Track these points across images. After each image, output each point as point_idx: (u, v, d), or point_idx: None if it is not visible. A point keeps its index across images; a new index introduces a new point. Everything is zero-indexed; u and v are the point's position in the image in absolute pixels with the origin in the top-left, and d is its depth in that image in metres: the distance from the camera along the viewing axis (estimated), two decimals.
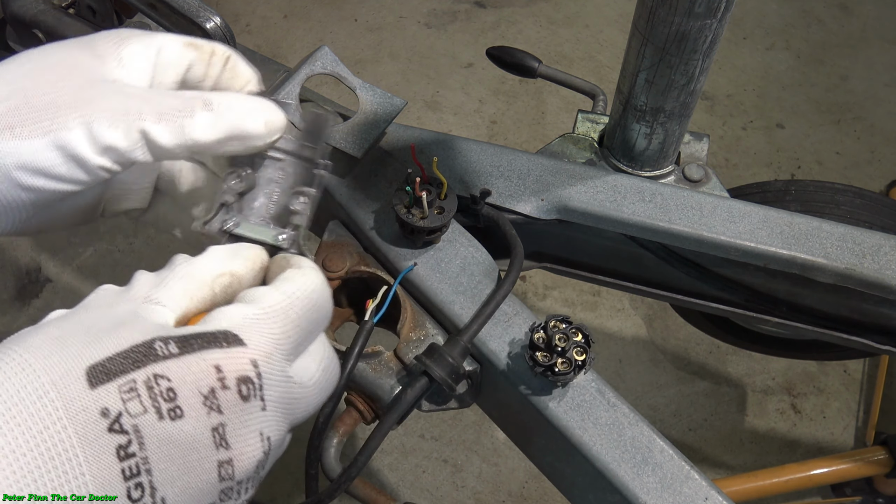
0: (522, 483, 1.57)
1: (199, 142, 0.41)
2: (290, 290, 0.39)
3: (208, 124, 0.42)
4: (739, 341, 1.27)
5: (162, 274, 0.39)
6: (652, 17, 0.67)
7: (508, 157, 0.76)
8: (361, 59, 2.20)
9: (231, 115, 0.43)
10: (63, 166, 0.39)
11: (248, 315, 0.37)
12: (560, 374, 0.58)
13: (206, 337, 0.35)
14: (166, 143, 0.41)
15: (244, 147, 0.44)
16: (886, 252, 0.72)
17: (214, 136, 0.42)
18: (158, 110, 0.41)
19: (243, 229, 0.47)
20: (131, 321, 0.35)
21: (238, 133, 0.43)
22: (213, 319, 0.36)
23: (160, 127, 0.40)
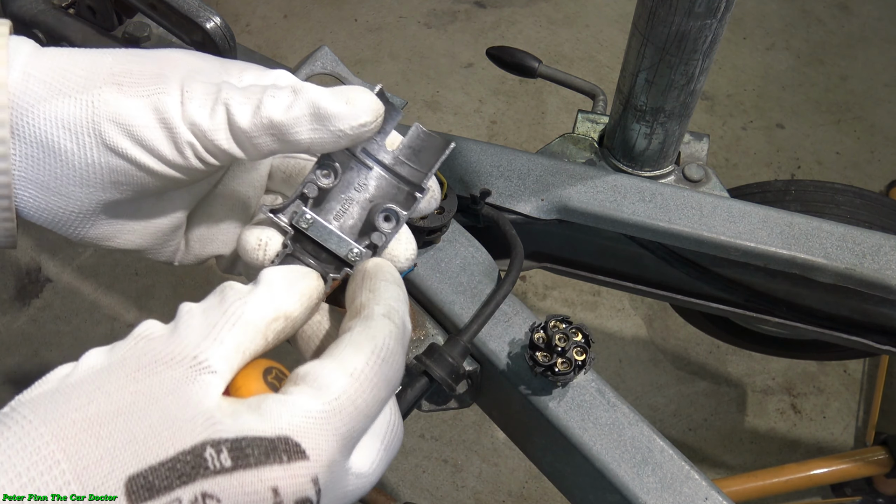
0: (522, 483, 1.57)
1: (275, 121, 0.38)
2: (360, 366, 0.34)
3: (286, 104, 0.38)
4: (739, 341, 1.27)
5: (211, 315, 0.35)
6: (652, 17, 0.67)
7: (508, 157, 0.76)
8: (361, 59, 2.20)
9: (311, 94, 0.39)
10: (152, 130, 0.38)
11: (311, 413, 0.32)
12: (560, 374, 0.58)
13: (263, 446, 0.30)
14: (244, 123, 0.38)
15: (329, 133, 0.39)
16: (886, 252, 0.72)
17: (289, 116, 0.38)
18: (247, 93, 0.39)
19: (315, 231, 0.43)
20: (179, 408, 0.31)
21: (318, 112, 0.38)
22: (271, 412, 0.32)
23: (242, 107, 0.38)
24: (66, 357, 0.33)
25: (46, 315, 1.74)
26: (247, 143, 0.39)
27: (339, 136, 0.39)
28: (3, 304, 1.75)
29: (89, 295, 1.77)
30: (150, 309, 1.74)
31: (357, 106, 0.39)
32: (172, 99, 0.38)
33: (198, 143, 0.39)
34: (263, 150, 0.40)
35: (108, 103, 0.38)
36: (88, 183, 0.39)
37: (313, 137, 0.39)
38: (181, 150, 0.39)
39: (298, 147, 0.40)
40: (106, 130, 0.38)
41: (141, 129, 0.38)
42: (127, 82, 0.39)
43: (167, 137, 0.38)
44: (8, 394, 1.67)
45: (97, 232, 0.43)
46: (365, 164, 0.44)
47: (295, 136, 0.39)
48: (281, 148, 0.40)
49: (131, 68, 0.39)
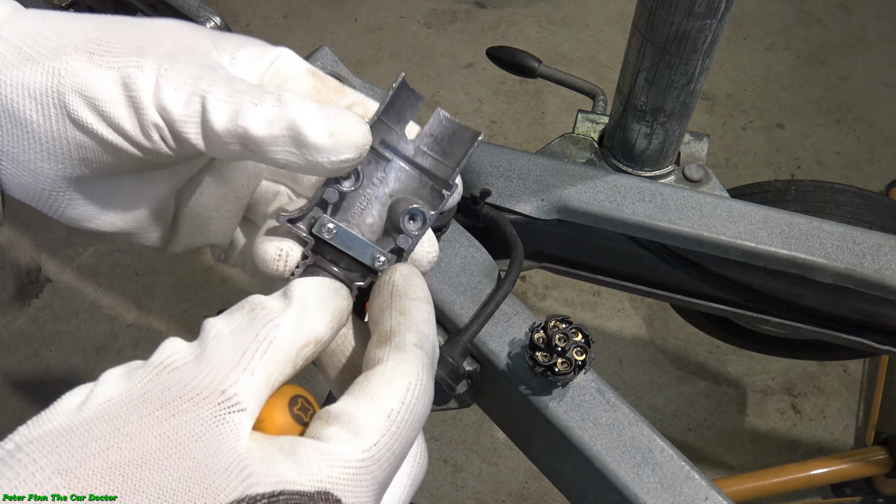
0: (522, 483, 1.57)
1: (251, 134, 0.35)
2: (396, 406, 0.32)
3: (267, 118, 0.35)
4: (739, 341, 1.28)
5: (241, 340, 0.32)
6: (652, 17, 0.67)
7: (508, 157, 0.76)
8: (361, 59, 2.20)
9: (295, 113, 0.35)
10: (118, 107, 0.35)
11: (350, 464, 0.30)
12: (560, 374, 0.58)
13: (304, 501, 0.28)
14: (218, 124, 0.35)
15: (305, 161, 0.36)
16: (886, 252, 0.72)
17: (267, 133, 0.35)
18: (230, 90, 0.35)
19: (339, 240, 0.40)
20: (210, 456, 0.28)
21: (295, 136, 0.35)
22: (308, 464, 0.29)
23: (220, 106, 0.35)
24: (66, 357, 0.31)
25: (46, 315, 1.74)
26: (216, 144, 0.36)
27: (314, 166, 0.36)
28: (3, 304, 1.75)
29: (89, 295, 1.77)
30: (149, 309, 1.74)
31: (340, 141, 0.35)
32: (146, 77, 0.35)
33: (165, 129, 0.36)
34: (234, 155, 0.37)
35: (75, 73, 0.35)
36: (56, 158, 0.36)
37: (288, 160, 0.36)
38: (147, 132, 0.36)
39: (271, 163, 0.37)
40: (71, 102, 0.35)
41: (106, 105, 0.35)
42: (99, 51, 0.36)
43: (133, 117, 0.35)
44: (8, 394, 1.67)
45: (75, 212, 0.40)
46: (384, 156, 0.40)
47: (269, 154, 0.36)
48: (253, 158, 0.37)
49: (108, 36, 0.36)
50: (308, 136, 0.35)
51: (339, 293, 0.37)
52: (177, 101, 0.35)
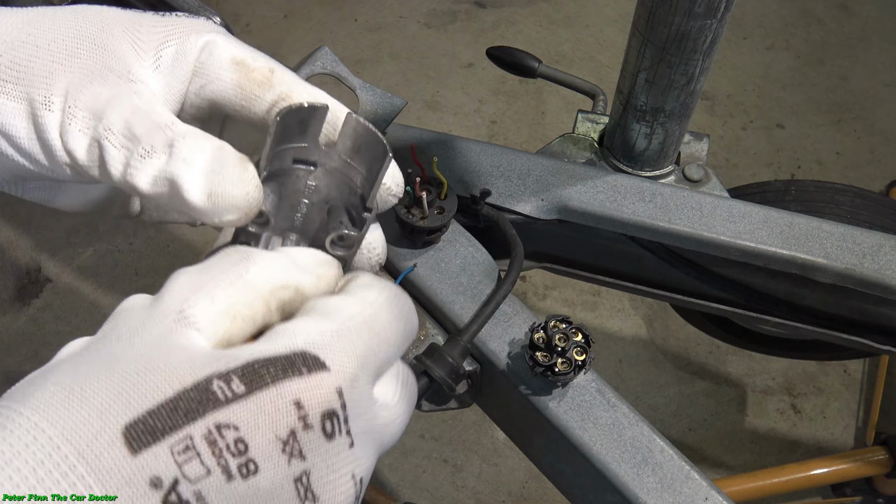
0: (522, 483, 1.57)
1: (138, 189, 0.35)
2: (371, 297, 0.33)
3: (152, 174, 0.35)
4: (739, 341, 1.28)
5: (208, 272, 0.31)
6: (652, 17, 0.67)
7: (508, 157, 0.76)
8: (361, 59, 2.20)
9: (178, 170, 0.34)
10: (29, 142, 0.37)
11: (326, 331, 0.30)
12: (560, 374, 0.58)
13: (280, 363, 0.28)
14: (114, 174, 0.36)
15: (191, 218, 0.36)
16: (886, 252, 0.72)
17: (152, 190, 0.35)
18: (128, 133, 0.35)
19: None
20: (168, 354, 0.28)
21: (176, 196, 0.35)
22: (283, 335, 0.29)
23: (116, 154, 0.35)
24: None
25: (46, 315, 1.74)
26: (121, 183, 0.36)
27: (198, 220, 0.36)
28: (3, 304, 1.76)
29: (89, 295, 1.77)
30: None
31: (218, 204, 0.34)
32: (53, 116, 0.36)
33: (74, 167, 0.37)
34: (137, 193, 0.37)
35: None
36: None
37: (176, 218, 0.39)
38: (58, 164, 0.37)
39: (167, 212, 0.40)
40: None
41: (19, 140, 0.37)
42: (12, 78, 0.36)
43: (43, 151, 0.37)
44: None
45: (33, 196, 0.42)
46: (306, 169, 0.39)
47: (159, 204, 0.38)
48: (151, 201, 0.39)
49: (20, 58, 0.36)
50: (187, 199, 0.34)
51: (334, 265, 0.36)
52: (81, 146, 0.36)
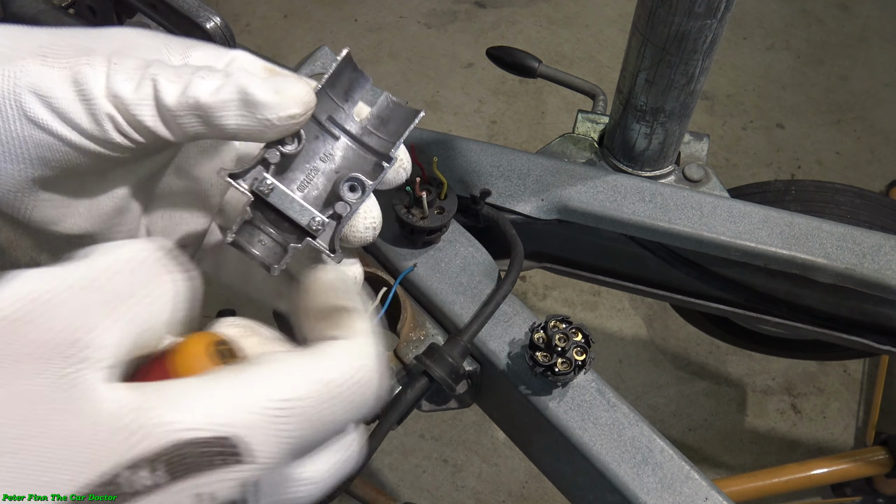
0: (522, 483, 1.57)
1: (202, 102, 0.37)
2: (331, 377, 0.29)
3: (215, 86, 0.37)
4: (739, 341, 1.28)
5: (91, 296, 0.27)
6: (652, 17, 0.67)
7: (508, 157, 0.76)
8: (361, 59, 2.20)
9: (241, 78, 0.37)
10: (70, 102, 0.37)
11: (265, 411, 0.26)
12: (560, 374, 0.58)
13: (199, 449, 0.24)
14: (169, 100, 0.37)
15: (256, 121, 0.38)
16: (886, 252, 0.72)
17: (219, 98, 0.37)
18: (179, 71, 0.37)
19: (276, 198, 0.40)
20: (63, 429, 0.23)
21: (243, 98, 0.37)
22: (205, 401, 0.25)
23: (170, 84, 0.37)
24: None
25: None
26: (171, 123, 0.38)
27: (265, 125, 0.38)
28: None
29: None
30: None
31: (286, 96, 0.37)
32: (95, 71, 0.37)
33: (119, 117, 0.37)
34: (189, 131, 0.38)
35: (29, 74, 0.37)
36: (17, 158, 0.38)
37: (239, 124, 0.38)
38: (100, 122, 0.37)
39: (225, 132, 0.38)
40: (26, 101, 0.37)
41: (59, 101, 0.37)
42: (52, 54, 0.37)
43: (85, 110, 0.37)
44: None
45: (41, 214, 0.41)
46: (332, 133, 0.42)
47: (220, 120, 0.38)
48: (207, 132, 0.38)
49: (59, 41, 0.38)
50: (255, 95, 0.37)
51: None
52: (127, 88, 0.37)
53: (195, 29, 0.70)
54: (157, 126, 0.38)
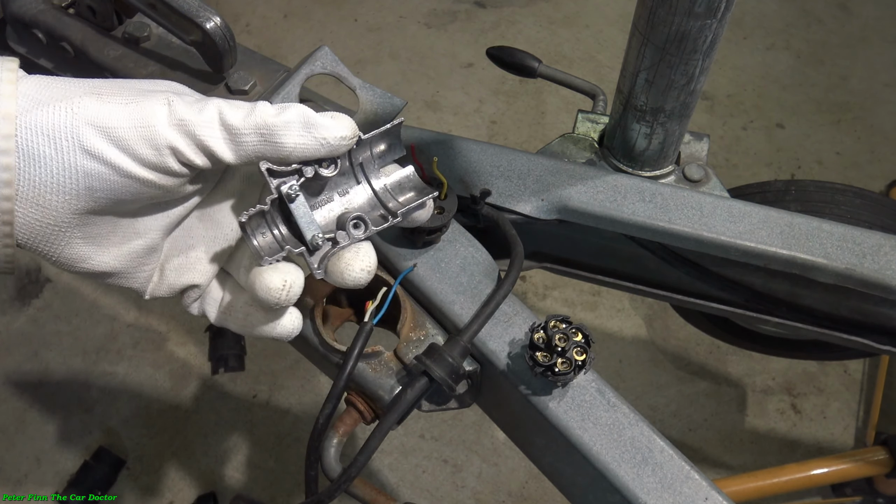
0: (522, 483, 1.57)
1: (268, 122, 0.42)
2: None
3: (277, 110, 0.43)
4: (739, 341, 1.27)
5: None
6: (652, 17, 0.67)
7: (508, 157, 0.76)
8: (361, 59, 2.20)
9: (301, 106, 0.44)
10: (130, 131, 0.39)
11: None
12: (560, 374, 0.58)
13: None
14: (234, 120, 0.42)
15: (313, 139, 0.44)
16: (886, 252, 0.72)
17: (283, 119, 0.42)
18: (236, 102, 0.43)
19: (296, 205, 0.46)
20: None
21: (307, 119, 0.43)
22: None
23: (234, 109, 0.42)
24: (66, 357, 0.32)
25: (46, 315, 1.74)
26: (233, 142, 0.42)
27: (321, 143, 0.44)
28: (3, 304, 1.75)
29: (89, 295, 1.77)
30: (149, 309, 1.74)
31: (340, 121, 0.44)
32: (154, 105, 0.40)
33: (182, 142, 0.40)
34: (248, 150, 0.42)
35: (87, 108, 0.39)
36: (64, 189, 0.39)
37: (297, 142, 0.43)
38: (160, 151, 0.40)
39: (282, 150, 0.43)
40: (83, 133, 0.39)
41: (119, 130, 0.39)
42: (107, 93, 0.40)
43: (145, 139, 0.40)
44: (8, 394, 1.67)
45: (73, 252, 0.43)
46: (357, 177, 0.49)
47: (282, 137, 0.42)
48: (265, 150, 0.43)
49: (112, 85, 0.42)
50: (314, 118, 0.43)
51: None
52: (192, 112, 0.41)
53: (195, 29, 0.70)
54: (218, 145, 0.42)
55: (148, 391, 1.65)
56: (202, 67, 0.76)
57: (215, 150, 0.42)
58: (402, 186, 0.50)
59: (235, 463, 1.57)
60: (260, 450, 1.58)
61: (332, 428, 0.64)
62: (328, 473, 0.62)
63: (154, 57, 0.78)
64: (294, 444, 1.57)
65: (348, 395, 0.66)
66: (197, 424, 1.62)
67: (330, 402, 0.60)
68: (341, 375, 0.59)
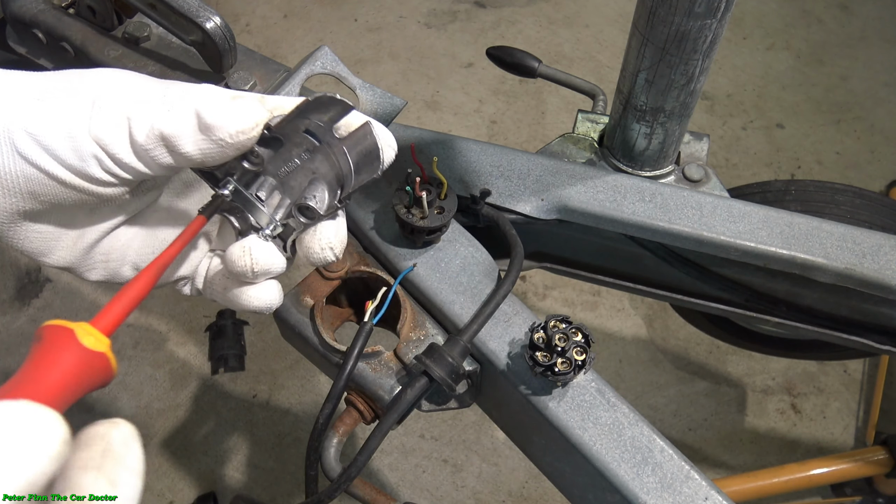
0: (522, 483, 1.57)
1: (165, 133, 0.41)
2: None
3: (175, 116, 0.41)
4: (739, 341, 1.27)
5: None
6: (652, 17, 0.67)
7: (508, 157, 0.76)
8: (361, 59, 2.20)
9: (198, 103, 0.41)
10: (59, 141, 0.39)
11: None
12: (560, 374, 0.58)
13: None
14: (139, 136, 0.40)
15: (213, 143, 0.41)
16: (886, 252, 0.72)
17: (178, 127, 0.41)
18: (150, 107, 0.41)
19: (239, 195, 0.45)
20: None
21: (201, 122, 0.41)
22: None
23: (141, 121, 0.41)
24: None
25: (46, 315, 1.74)
26: (145, 157, 0.41)
27: (222, 145, 0.41)
28: (3, 304, 1.75)
29: (89, 295, 1.77)
30: (149, 309, 1.74)
31: (235, 112, 0.41)
32: (81, 112, 0.40)
33: (103, 155, 0.40)
34: (162, 162, 0.41)
35: (23, 114, 0.40)
36: (9, 191, 0.40)
37: (201, 148, 0.41)
38: (85, 161, 0.40)
39: (191, 159, 0.41)
40: (18, 139, 0.39)
41: (49, 139, 0.39)
42: (46, 97, 0.41)
43: (72, 148, 0.40)
44: None
45: (31, 246, 0.44)
46: (309, 139, 0.46)
47: (182, 147, 0.41)
48: (176, 161, 0.41)
49: (53, 85, 0.41)
50: (207, 118, 0.40)
51: None
52: (107, 128, 0.40)
53: (195, 29, 0.70)
54: (132, 161, 0.41)
55: (148, 391, 1.65)
56: (202, 67, 0.76)
57: (133, 166, 0.41)
58: (359, 151, 0.46)
59: (235, 463, 1.57)
60: (260, 450, 1.58)
61: (332, 428, 0.64)
62: (328, 473, 0.62)
63: (154, 57, 0.78)
64: (294, 444, 1.57)
65: (348, 395, 0.66)
66: (197, 424, 1.62)
67: (330, 402, 0.60)
68: (341, 375, 0.59)
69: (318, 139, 0.45)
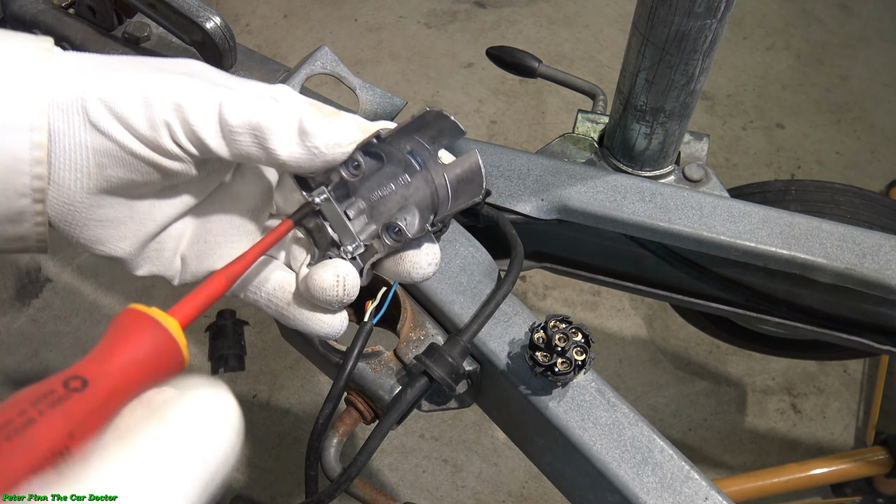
0: (522, 483, 1.57)
1: (263, 123, 0.39)
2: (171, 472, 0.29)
3: (276, 110, 0.39)
4: (739, 341, 1.27)
5: None
6: (652, 17, 0.67)
7: (508, 157, 0.76)
8: (361, 59, 2.20)
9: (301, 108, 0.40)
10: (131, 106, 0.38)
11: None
12: (560, 374, 0.58)
13: None
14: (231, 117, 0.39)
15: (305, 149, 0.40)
16: (886, 252, 0.72)
17: (278, 121, 0.39)
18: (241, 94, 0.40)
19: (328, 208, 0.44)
20: None
21: (301, 126, 0.40)
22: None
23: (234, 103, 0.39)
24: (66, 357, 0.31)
25: (46, 315, 1.74)
26: (228, 138, 0.39)
27: (314, 153, 0.40)
28: (3, 304, 1.75)
29: (89, 295, 1.77)
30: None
31: (337, 128, 0.40)
32: (162, 82, 0.39)
33: (177, 125, 0.39)
34: (241, 149, 0.40)
35: (98, 82, 0.38)
36: (76, 166, 0.39)
37: (291, 150, 0.40)
38: (156, 129, 0.39)
39: (275, 158, 0.40)
40: (91, 107, 0.38)
41: (123, 105, 0.38)
42: (122, 68, 0.40)
43: (145, 116, 0.38)
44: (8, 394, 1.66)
45: (91, 233, 0.42)
46: (411, 164, 0.44)
47: (272, 143, 0.39)
48: (257, 154, 0.40)
49: (129, 60, 0.41)
50: (310, 125, 0.39)
51: None
52: (192, 100, 0.39)
53: (195, 29, 0.70)
54: (209, 137, 0.39)
55: None
56: None
57: (207, 143, 0.40)
58: (460, 178, 0.44)
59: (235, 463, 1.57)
60: (260, 450, 1.58)
61: (332, 428, 0.64)
62: (328, 473, 0.62)
63: None
64: (294, 444, 1.57)
65: (348, 395, 0.66)
66: None
67: (330, 402, 0.60)
68: (341, 375, 0.59)
69: (421, 163, 0.44)
